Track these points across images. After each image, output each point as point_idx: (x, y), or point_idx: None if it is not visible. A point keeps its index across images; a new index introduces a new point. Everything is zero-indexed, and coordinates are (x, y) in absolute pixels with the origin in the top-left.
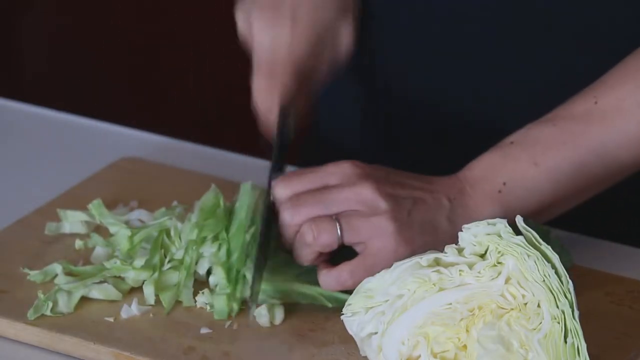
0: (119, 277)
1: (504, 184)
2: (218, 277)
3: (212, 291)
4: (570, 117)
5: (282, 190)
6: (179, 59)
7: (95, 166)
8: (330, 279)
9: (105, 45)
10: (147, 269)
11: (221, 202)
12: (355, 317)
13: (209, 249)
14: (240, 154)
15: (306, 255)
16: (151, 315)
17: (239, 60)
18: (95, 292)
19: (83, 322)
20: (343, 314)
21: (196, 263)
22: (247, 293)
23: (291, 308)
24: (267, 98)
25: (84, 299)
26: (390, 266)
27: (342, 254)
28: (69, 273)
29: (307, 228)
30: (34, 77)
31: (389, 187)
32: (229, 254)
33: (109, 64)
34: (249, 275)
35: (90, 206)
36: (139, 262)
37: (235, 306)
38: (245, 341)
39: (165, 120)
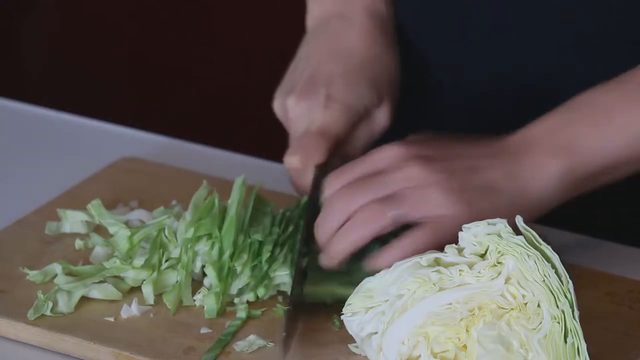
0: (119, 276)
1: (570, 140)
2: (210, 276)
3: (208, 290)
4: (630, 86)
5: (334, 183)
6: (179, 59)
7: (95, 166)
8: (387, 258)
9: (105, 45)
10: (146, 268)
11: (216, 201)
12: (355, 317)
13: (203, 247)
14: (240, 154)
15: (359, 239)
16: (151, 315)
17: (239, 60)
18: (95, 292)
19: (83, 322)
20: (343, 314)
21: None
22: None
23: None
24: (300, 167)
25: (84, 299)
26: (456, 236)
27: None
28: (68, 273)
29: (359, 214)
30: (34, 77)
31: (439, 161)
32: (220, 252)
33: (109, 64)
34: (288, 280)
35: (89, 206)
36: (139, 261)
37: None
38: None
39: (165, 120)
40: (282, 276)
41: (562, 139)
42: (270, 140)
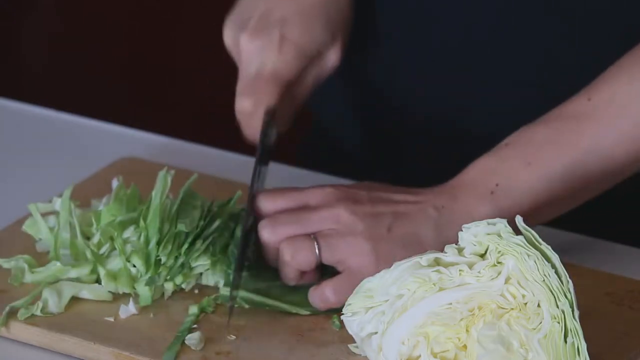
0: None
1: (497, 185)
2: (137, 264)
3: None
4: (564, 117)
5: (263, 205)
6: (179, 59)
7: (95, 166)
8: (314, 297)
9: (105, 45)
10: (83, 264)
11: (133, 188)
12: (355, 317)
13: (131, 237)
14: (240, 154)
15: (288, 273)
16: (151, 315)
17: None
18: (86, 292)
19: (83, 322)
20: (343, 314)
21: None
22: (227, 298)
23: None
24: (251, 112)
25: (83, 299)
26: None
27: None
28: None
29: (284, 247)
30: (34, 77)
31: (369, 206)
32: (147, 240)
33: (109, 64)
34: (228, 279)
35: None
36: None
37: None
38: (245, 341)
39: (165, 120)
40: (202, 265)
41: (489, 185)
42: None
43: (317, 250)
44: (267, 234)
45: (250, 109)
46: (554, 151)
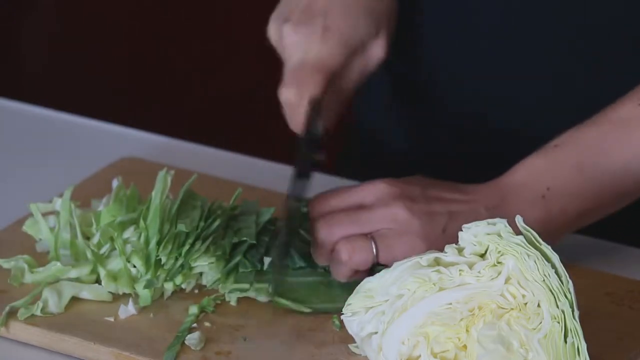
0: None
1: (548, 189)
2: (137, 265)
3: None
4: (614, 121)
5: (317, 207)
6: (179, 59)
7: (95, 166)
8: None
9: (105, 45)
10: (83, 264)
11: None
12: (356, 317)
13: (131, 238)
14: (240, 154)
15: (342, 272)
16: (151, 315)
17: (239, 60)
18: (86, 293)
19: (83, 322)
20: (343, 314)
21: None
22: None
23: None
24: (295, 102)
25: (82, 299)
26: None
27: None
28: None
29: (342, 246)
30: (34, 77)
31: (424, 204)
32: (147, 241)
33: (109, 64)
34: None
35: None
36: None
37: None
38: (245, 341)
39: (165, 120)
40: (202, 266)
41: (540, 188)
42: (270, 141)
43: (374, 250)
44: (324, 234)
45: (294, 99)
46: (604, 156)
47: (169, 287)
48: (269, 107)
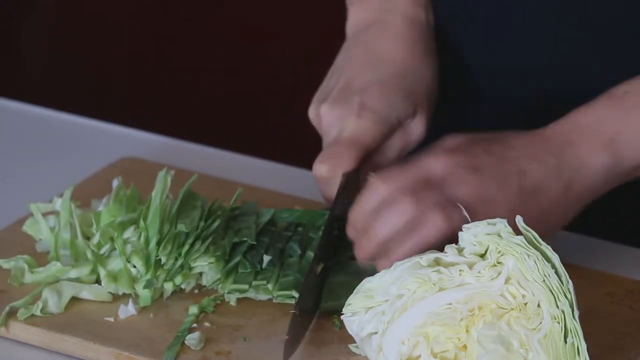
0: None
1: (618, 132)
2: (137, 265)
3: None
4: None
5: (383, 186)
6: (179, 59)
7: (95, 166)
8: None
9: (105, 45)
10: (83, 264)
11: (132, 188)
12: (356, 317)
13: (131, 238)
14: (240, 154)
15: (424, 243)
16: (151, 315)
17: (239, 60)
18: (86, 293)
19: (83, 322)
20: (343, 314)
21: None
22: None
23: (291, 308)
24: (326, 175)
25: (83, 299)
26: None
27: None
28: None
29: (431, 213)
30: (34, 77)
31: (494, 167)
32: (147, 241)
33: (109, 64)
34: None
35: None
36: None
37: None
38: (245, 341)
39: (165, 120)
40: (202, 266)
41: (608, 132)
42: (270, 141)
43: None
44: (408, 203)
45: (326, 174)
46: None
47: (168, 287)
48: (269, 108)
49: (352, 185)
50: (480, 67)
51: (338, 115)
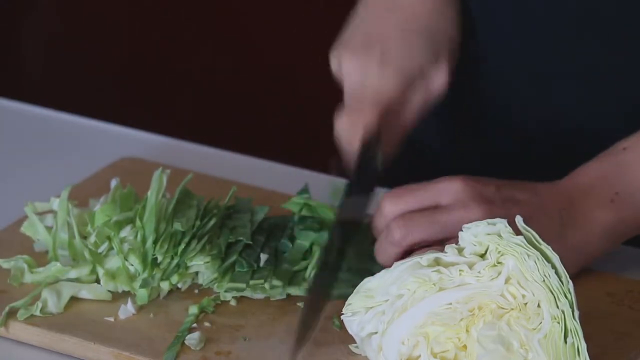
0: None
1: (617, 193)
2: (134, 263)
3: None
4: None
5: (391, 207)
6: (179, 59)
7: (95, 166)
8: None
9: (105, 45)
10: (82, 264)
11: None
12: (356, 317)
13: (129, 237)
14: (240, 154)
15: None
16: (151, 315)
17: (239, 60)
18: (85, 292)
19: (83, 322)
20: (343, 314)
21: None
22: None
23: (291, 308)
24: (349, 132)
25: (81, 299)
26: None
27: None
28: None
29: (422, 250)
30: (34, 77)
31: (501, 208)
32: (143, 239)
33: (109, 64)
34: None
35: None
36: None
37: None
38: (245, 341)
39: (165, 120)
40: (198, 265)
41: (608, 193)
42: (270, 141)
43: None
44: (401, 234)
45: (348, 129)
46: None
47: (165, 286)
48: (270, 107)
49: (373, 143)
50: (496, 73)
51: (359, 64)
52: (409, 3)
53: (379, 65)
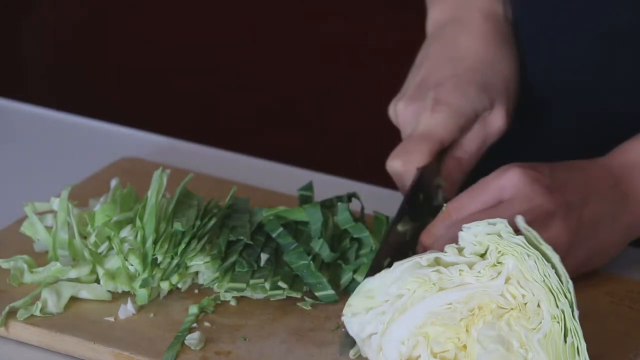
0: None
1: None
2: (134, 263)
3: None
4: None
5: (455, 214)
6: (179, 59)
7: (95, 166)
8: None
9: (105, 45)
10: (82, 264)
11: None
12: (356, 318)
13: (129, 237)
14: (240, 154)
15: None
16: (151, 315)
17: (240, 60)
18: (85, 293)
19: (83, 322)
20: (343, 315)
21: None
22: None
23: (291, 308)
24: (402, 169)
25: (82, 299)
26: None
27: None
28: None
29: None
30: (34, 77)
31: (560, 192)
32: (143, 240)
33: (109, 64)
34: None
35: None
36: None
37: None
38: (245, 341)
39: (165, 120)
40: (198, 265)
41: None
42: (270, 141)
43: None
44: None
45: (400, 169)
46: None
47: (165, 286)
48: (270, 108)
49: (428, 179)
50: (543, 80)
51: (413, 111)
52: (466, 52)
53: (431, 108)
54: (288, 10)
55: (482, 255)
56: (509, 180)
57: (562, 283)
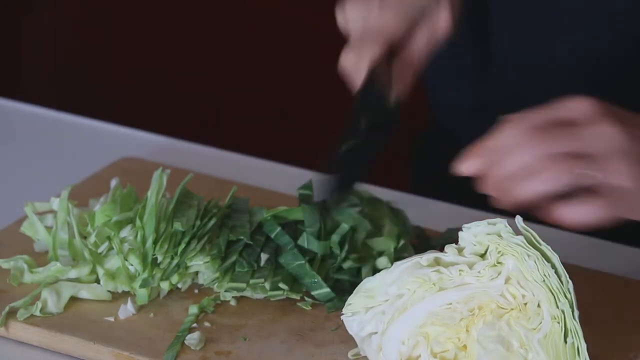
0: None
1: None
2: (134, 263)
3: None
4: None
5: (517, 125)
6: (179, 58)
7: (95, 166)
8: (582, 211)
9: (105, 45)
10: (82, 264)
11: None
12: (356, 317)
13: (129, 237)
14: (240, 154)
15: (542, 190)
16: (151, 315)
17: (240, 60)
18: (85, 292)
19: (83, 322)
20: (343, 314)
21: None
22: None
23: (291, 308)
24: (355, 64)
25: (82, 298)
26: (626, 208)
27: None
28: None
29: (551, 163)
30: (34, 77)
31: (628, 126)
32: (143, 240)
33: (109, 64)
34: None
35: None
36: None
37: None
38: (245, 341)
39: (165, 120)
40: (198, 265)
41: None
42: (270, 140)
43: (582, 172)
44: (531, 147)
45: (353, 64)
46: None
47: (165, 286)
48: (270, 108)
49: (379, 77)
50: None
51: (360, 10)
52: None
53: (378, 8)
54: (288, 10)
55: (482, 255)
56: (576, 103)
57: (562, 283)
